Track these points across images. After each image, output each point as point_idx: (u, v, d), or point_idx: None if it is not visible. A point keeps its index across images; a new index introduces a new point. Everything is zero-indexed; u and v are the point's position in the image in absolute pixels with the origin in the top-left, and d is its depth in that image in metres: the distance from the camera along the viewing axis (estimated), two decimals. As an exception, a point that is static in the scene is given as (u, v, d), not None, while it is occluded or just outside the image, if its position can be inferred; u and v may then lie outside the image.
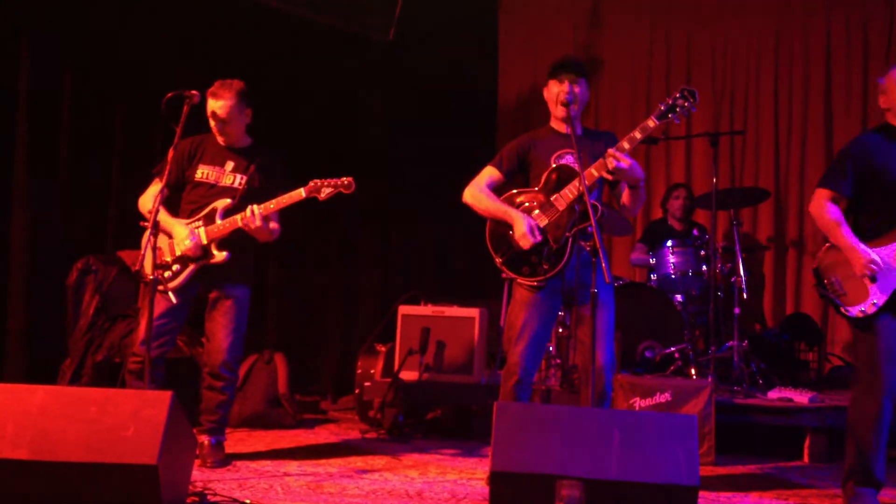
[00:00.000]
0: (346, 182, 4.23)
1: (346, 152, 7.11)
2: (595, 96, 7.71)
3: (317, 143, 6.92)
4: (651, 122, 3.82)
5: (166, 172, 4.02)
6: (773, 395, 5.10)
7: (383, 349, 5.62)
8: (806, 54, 7.05)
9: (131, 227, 4.65)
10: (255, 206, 4.20)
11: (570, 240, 3.87)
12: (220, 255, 4.28)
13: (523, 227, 3.87)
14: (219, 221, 4.29)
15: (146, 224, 4.14)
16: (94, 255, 5.61)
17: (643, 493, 3.00)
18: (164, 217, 4.31)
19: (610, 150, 3.77)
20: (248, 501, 3.49)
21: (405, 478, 4.16)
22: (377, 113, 7.33)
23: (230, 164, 4.40)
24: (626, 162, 3.73)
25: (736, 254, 5.64)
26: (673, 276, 5.95)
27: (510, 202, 4.00)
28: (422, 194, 7.20)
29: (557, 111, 4.02)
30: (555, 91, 4.01)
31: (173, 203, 4.47)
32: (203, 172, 4.40)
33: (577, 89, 3.98)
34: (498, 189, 4.10)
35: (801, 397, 4.97)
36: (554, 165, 3.97)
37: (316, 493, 3.77)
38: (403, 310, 5.60)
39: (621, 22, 7.61)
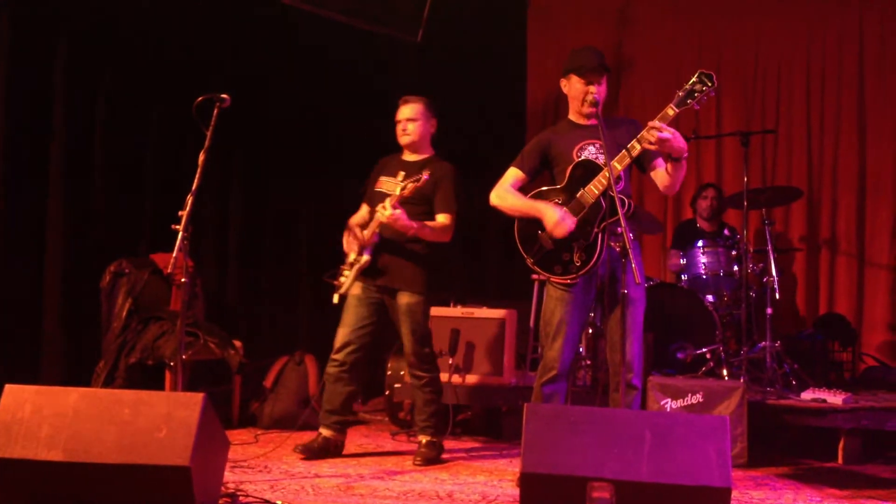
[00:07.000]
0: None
1: (372, 152, 7.11)
2: (625, 94, 7.70)
3: (344, 141, 6.94)
4: (670, 111, 3.74)
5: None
6: (807, 395, 5.04)
7: (413, 350, 5.62)
8: (839, 51, 6.98)
9: (164, 230, 4.68)
10: (388, 201, 4.39)
11: (600, 235, 3.86)
12: (362, 259, 4.54)
13: (555, 216, 3.86)
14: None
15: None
16: (126, 257, 5.67)
17: (674, 495, 2.98)
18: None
19: (651, 122, 3.72)
20: (279, 502, 3.51)
21: (435, 479, 4.16)
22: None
23: (401, 174, 4.58)
24: (669, 131, 3.68)
25: (768, 253, 5.59)
26: (704, 277, 5.91)
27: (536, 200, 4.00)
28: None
29: (583, 109, 4.00)
30: (578, 88, 3.99)
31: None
32: (382, 182, 4.67)
33: (602, 89, 3.97)
34: (523, 189, 4.10)
35: (835, 398, 4.91)
36: (576, 160, 3.95)
37: (347, 494, 3.79)
38: (433, 311, 5.58)
39: (651, 20, 7.59)
